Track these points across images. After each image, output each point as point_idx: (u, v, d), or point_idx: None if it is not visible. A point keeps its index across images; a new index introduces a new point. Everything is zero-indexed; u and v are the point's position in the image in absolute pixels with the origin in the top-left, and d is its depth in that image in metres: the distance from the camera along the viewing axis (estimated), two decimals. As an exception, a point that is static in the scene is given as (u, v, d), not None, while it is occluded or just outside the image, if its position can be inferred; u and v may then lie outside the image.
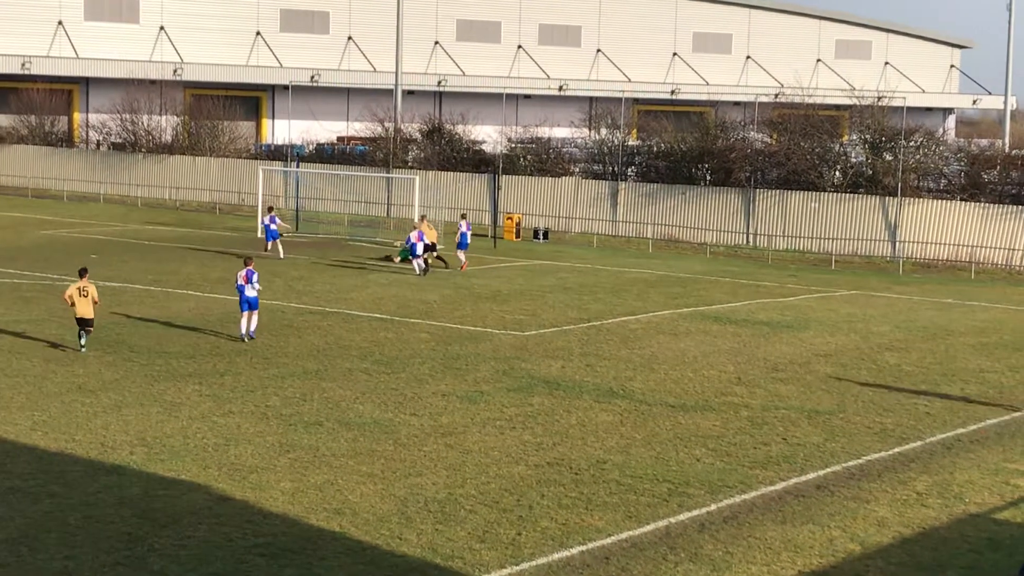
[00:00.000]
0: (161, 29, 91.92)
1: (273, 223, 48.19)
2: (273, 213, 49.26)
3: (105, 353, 28.13)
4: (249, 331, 30.23)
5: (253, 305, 30.24)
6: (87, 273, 29.04)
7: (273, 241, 47.87)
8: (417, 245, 43.54)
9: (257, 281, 30.43)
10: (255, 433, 21.83)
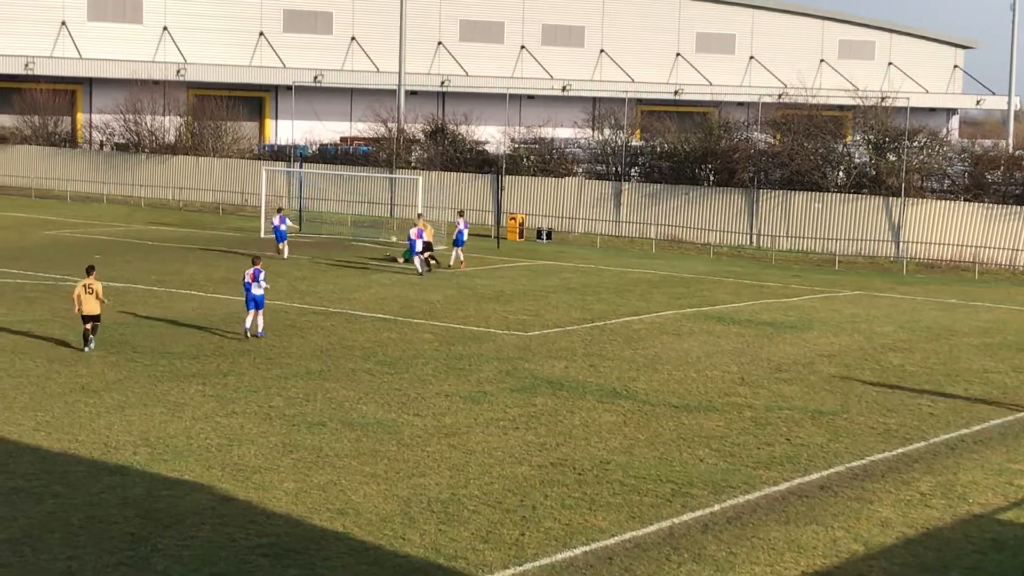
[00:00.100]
0: (164, 29, 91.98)
1: (283, 223, 48.33)
2: (283, 213, 49.39)
3: (108, 353, 28.14)
4: (256, 331, 30.36)
5: (259, 304, 30.37)
6: (94, 271, 29.10)
7: (283, 242, 48.01)
8: (416, 243, 43.62)
9: (264, 280, 30.54)
10: (258, 433, 21.83)
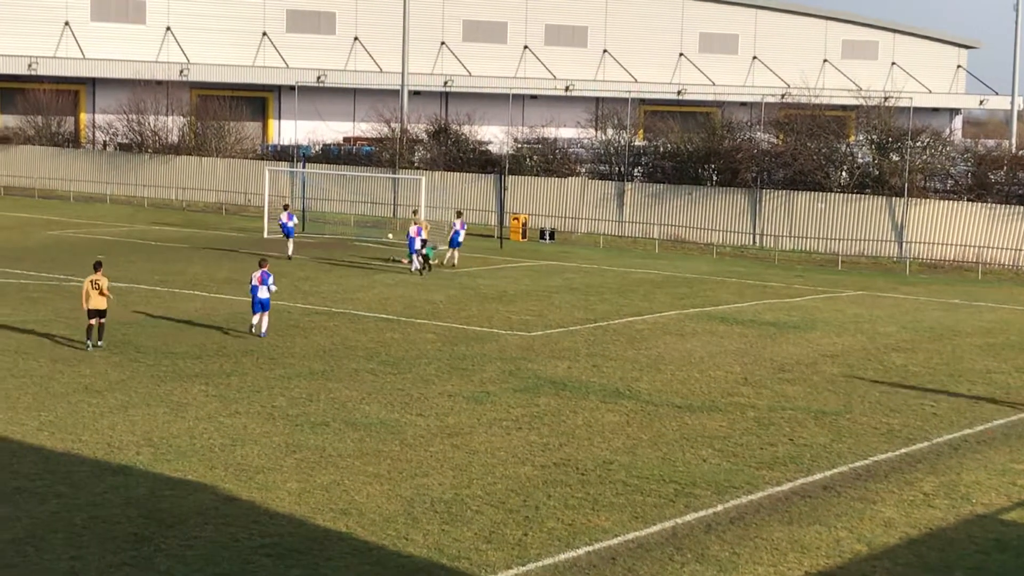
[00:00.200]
0: (167, 30, 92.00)
1: (291, 220, 48.59)
2: (290, 211, 49.67)
3: (112, 353, 28.16)
4: (259, 331, 30.40)
5: (265, 306, 30.44)
6: (101, 267, 29.16)
7: (291, 238, 48.19)
8: (415, 241, 43.68)
9: (273, 283, 30.63)
10: (261, 433, 21.84)
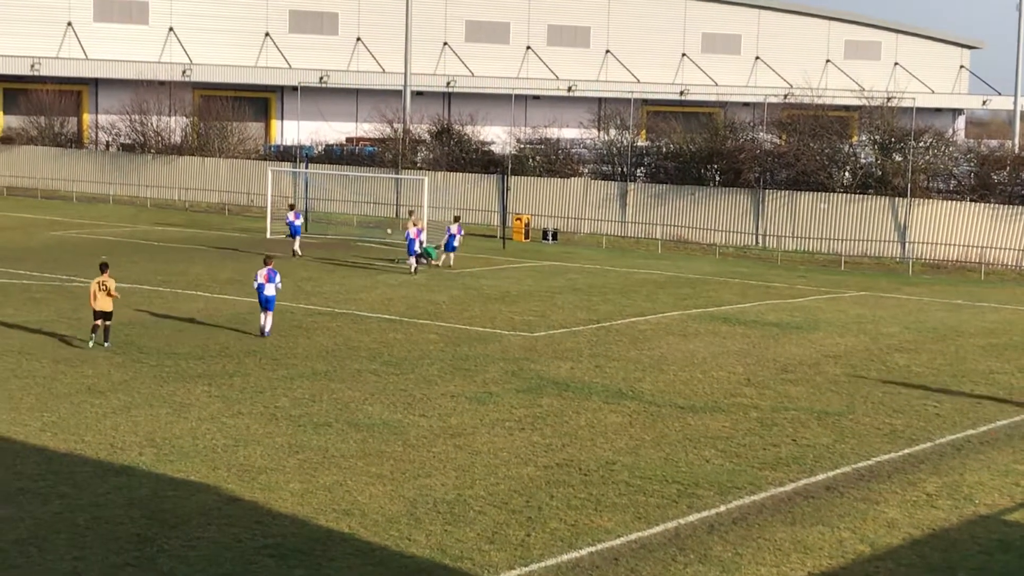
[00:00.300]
0: (170, 30, 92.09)
1: (298, 219, 48.84)
2: (296, 210, 49.87)
3: (114, 354, 28.17)
4: (264, 331, 30.49)
5: (270, 305, 30.51)
6: (107, 268, 29.18)
7: (297, 237, 48.38)
8: (415, 241, 43.73)
9: (279, 281, 30.80)
10: (264, 434, 21.84)
